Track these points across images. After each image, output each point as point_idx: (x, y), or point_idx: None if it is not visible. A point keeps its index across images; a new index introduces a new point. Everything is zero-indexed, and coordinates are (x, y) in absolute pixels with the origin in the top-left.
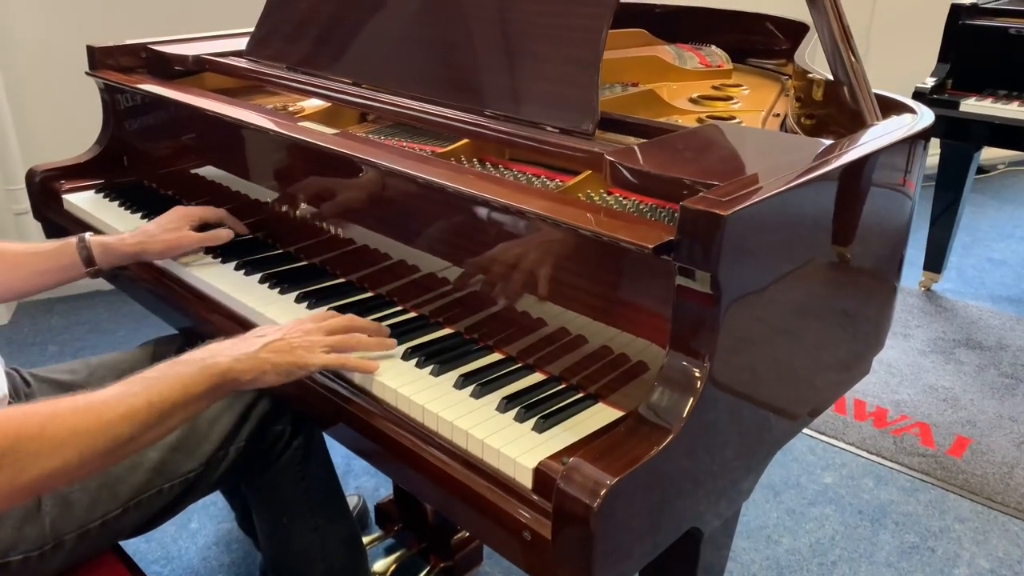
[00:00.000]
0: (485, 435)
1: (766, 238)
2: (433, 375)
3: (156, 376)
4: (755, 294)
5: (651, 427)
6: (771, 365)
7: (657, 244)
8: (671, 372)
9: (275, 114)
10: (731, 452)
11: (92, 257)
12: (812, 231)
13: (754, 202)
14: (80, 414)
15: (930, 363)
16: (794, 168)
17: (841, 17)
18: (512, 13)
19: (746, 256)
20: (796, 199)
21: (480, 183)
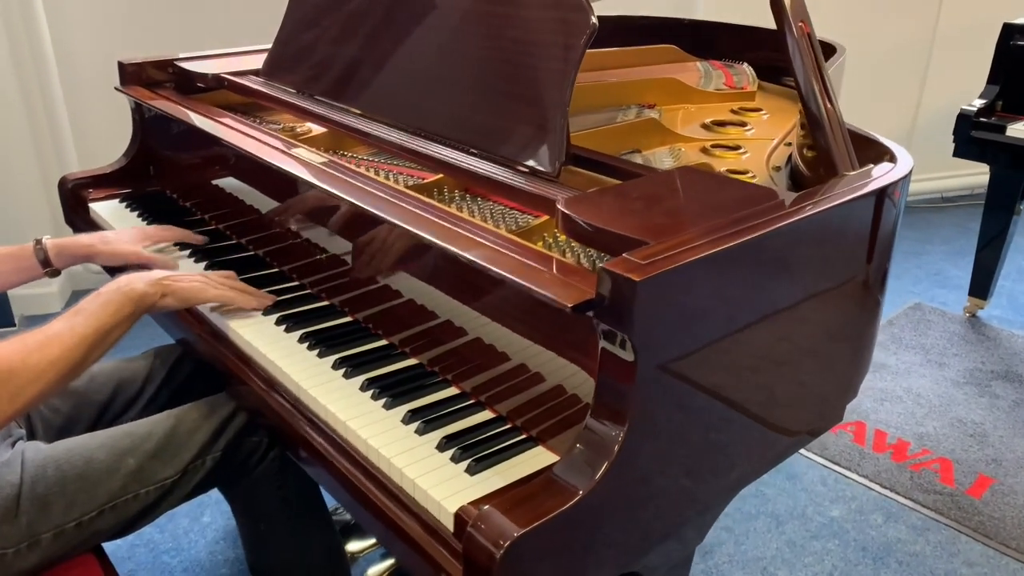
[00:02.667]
0: (417, 474)
1: (691, 301)
2: (385, 408)
3: (93, 307)
4: (681, 357)
5: (565, 483)
6: (704, 426)
7: (576, 303)
8: (590, 433)
9: (270, 138)
10: (662, 505)
11: (48, 259)
12: (749, 293)
13: (673, 267)
14: (49, 346)
15: (963, 395)
16: (732, 228)
17: (817, 59)
18: (492, 52)
19: (668, 320)
20: (726, 262)
21: (424, 222)
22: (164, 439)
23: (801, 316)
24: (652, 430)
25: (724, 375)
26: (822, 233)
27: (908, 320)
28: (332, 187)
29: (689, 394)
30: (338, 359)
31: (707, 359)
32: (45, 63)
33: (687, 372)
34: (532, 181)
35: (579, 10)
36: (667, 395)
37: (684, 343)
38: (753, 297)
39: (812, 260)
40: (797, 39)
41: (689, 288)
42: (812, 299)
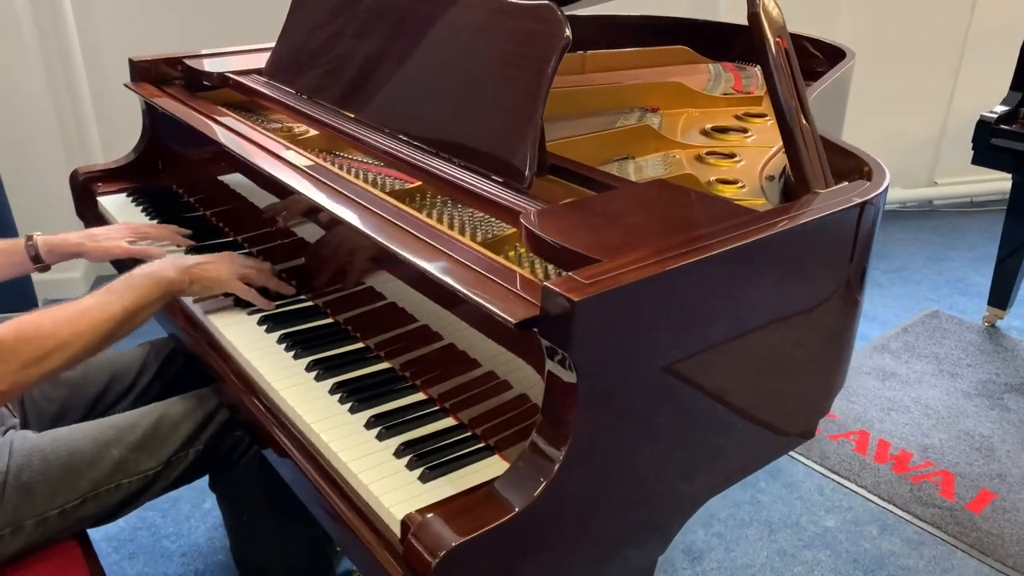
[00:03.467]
0: (371, 480)
1: (639, 322)
2: (351, 412)
3: (122, 287)
4: (630, 377)
5: (502, 499)
6: (655, 444)
7: (521, 319)
8: (533, 450)
9: (265, 139)
10: (611, 520)
11: (39, 255)
12: (705, 314)
13: (614, 288)
14: (79, 320)
15: (973, 407)
16: (685, 248)
17: (795, 76)
18: (471, 62)
19: (613, 340)
20: (675, 283)
21: (386, 228)
22: (148, 431)
23: (763, 337)
24: (596, 449)
25: (679, 393)
26: (786, 253)
27: (923, 328)
28: (305, 190)
29: (639, 413)
30: (312, 361)
31: (659, 379)
32: (72, 61)
33: (636, 392)
34: (505, 191)
35: (553, 24)
36: (614, 414)
37: (632, 364)
38: (709, 318)
39: (776, 280)
40: (775, 55)
41: (636, 309)
42: (777, 320)
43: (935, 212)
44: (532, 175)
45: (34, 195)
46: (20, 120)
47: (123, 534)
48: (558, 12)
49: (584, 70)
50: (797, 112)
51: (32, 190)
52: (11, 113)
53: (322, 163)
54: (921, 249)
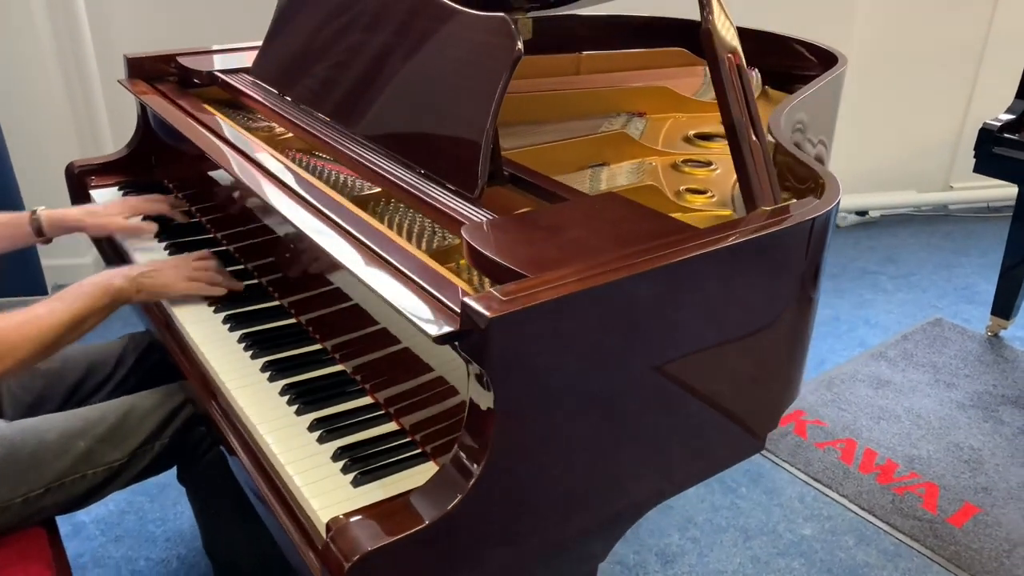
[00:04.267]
0: (304, 482)
1: (560, 340)
2: (297, 414)
3: (71, 296)
4: (553, 395)
5: (416, 509)
6: (581, 460)
7: (440, 333)
8: (452, 463)
9: (243, 139)
10: (535, 530)
11: (42, 229)
12: (635, 332)
13: (531, 305)
14: (26, 325)
15: (966, 419)
16: (613, 265)
17: (747, 92)
18: (431, 71)
19: (532, 358)
20: (599, 301)
21: (334, 233)
22: (115, 424)
23: (698, 355)
24: (517, 464)
25: (607, 410)
26: (723, 271)
27: (924, 336)
28: (262, 192)
29: (563, 429)
30: (266, 362)
31: (585, 396)
32: (84, 56)
33: (560, 409)
34: (457, 201)
35: (506, 37)
36: (536, 430)
37: (555, 381)
38: (638, 335)
39: (712, 298)
40: (726, 72)
41: (556, 326)
42: (714, 337)
43: (950, 217)
44: (482, 186)
45: (47, 186)
46: (35, 114)
47: (111, 517)
48: (511, 26)
49: (580, 71)
50: (747, 129)
51: (46, 182)
52: (26, 106)
53: (292, 166)
54: (932, 255)
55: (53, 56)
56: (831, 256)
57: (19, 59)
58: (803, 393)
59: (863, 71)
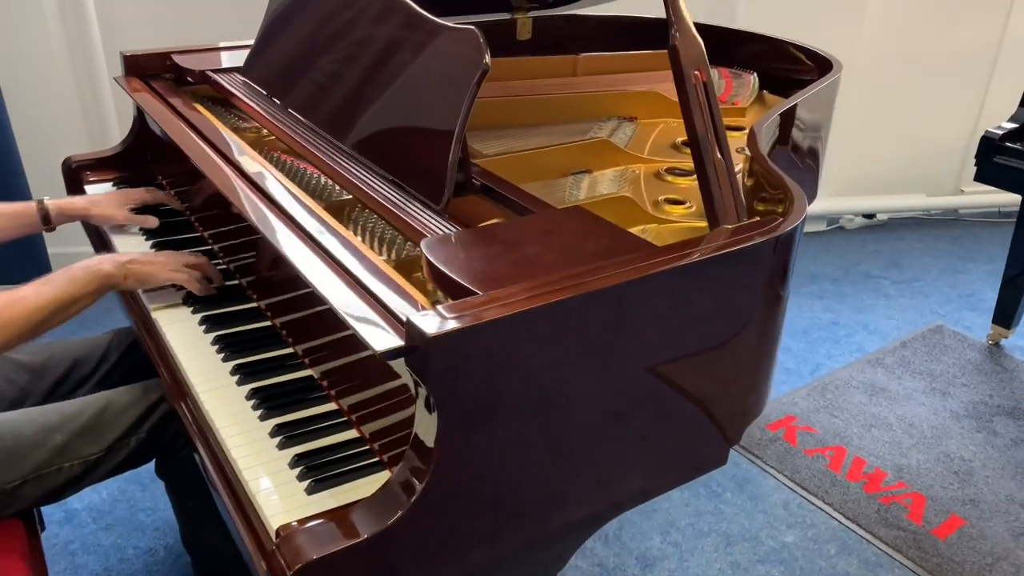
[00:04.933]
0: (259, 488)
1: (505, 359)
2: (260, 419)
3: (60, 278)
4: (494, 415)
5: (357, 522)
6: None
7: (385, 349)
8: (396, 478)
9: (227, 140)
10: (480, 544)
11: (48, 217)
12: (583, 350)
13: (477, 323)
14: (14, 306)
15: (959, 428)
16: (563, 283)
17: (712, 108)
18: (404, 80)
19: (476, 376)
20: (545, 319)
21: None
22: (93, 418)
23: (651, 374)
24: (462, 480)
25: (555, 428)
26: (679, 291)
27: (923, 343)
28: (232, 196)
29: (510, 448)
30: (236, 365)
31: (532, 415)
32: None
33: (506, 427)
34: (424, 212)
35: (474, 50)
36: (481, 448)
37: (500, 400)
38: (588, 354)
39: (668, 318)
40: (691, 88)
41: (501, 344)
42: (668, 356)
43: (959, 222)
44: (448, 197)
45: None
46: (44, 109)
47: (103, 504)
48: (480, 39)
49: (576, 73)
50: (711, 145)
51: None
52: (35, 102)
53: (271, 169)
54: (938, 260)
55: (63, 52)
56: (834, 259)
57: (29, 55)
58: (795, 399)
59: (872, 72)
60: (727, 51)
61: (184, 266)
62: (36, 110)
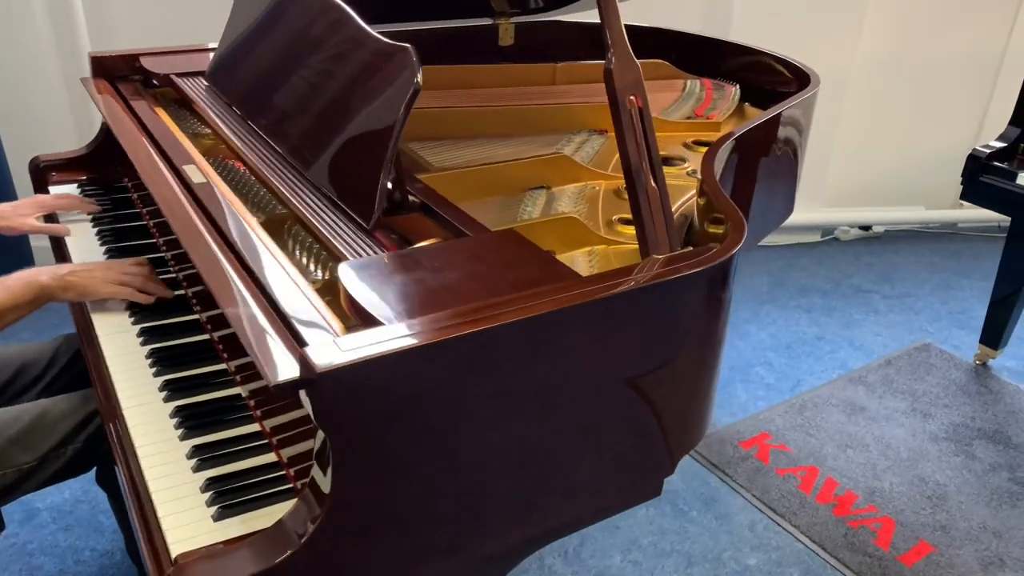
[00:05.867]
0: (166, 512)
1: (402, 394)
2: (180, 439)
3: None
4: (391, 454)
5: (251, 556)
6: (427, 517)
7: (279, 382)
8: (287, 517)
9: (178, 147)
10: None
11: None
12: (492, 385)
13: (368, 358)
14: None
15: (936, 451)
16: (473, 316)
17: (647, 136)
18: (342, 96)
19: (373, 412)
20: (453, 353)
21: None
22: (28, 426)
23: (567, 409)
24: (354, 523)
25: (460, 470)
26: (599, 324)
27: (908, 362)
28: (166, 208)
29: (408, 488)
30: (166, 380)
31: (433, 455)
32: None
33: (406, 468)
34: (354, 232)
35: (406, 69)
36: (378, 490)
37: (401, 438)
38: (499, 390)
39: (586, 352)
40: (626, 114)
41: (397, 379)
42: (591, 395)
43: (958, 235)
44: (377, 218)
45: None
46: (33, 110)
47: (65, 505)
48: (412, 57)
49: (555, 81)
50: (645, 174)
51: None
52: (25, 103)
53: (216, 180)
54: (933, 275)
55: (52, 51)
56: (826, 272)
57: (18, 54)
58: (772, 416)
59: (871, 81)
60: (709, 62)
61: (124, 274)
62: (25, 109)
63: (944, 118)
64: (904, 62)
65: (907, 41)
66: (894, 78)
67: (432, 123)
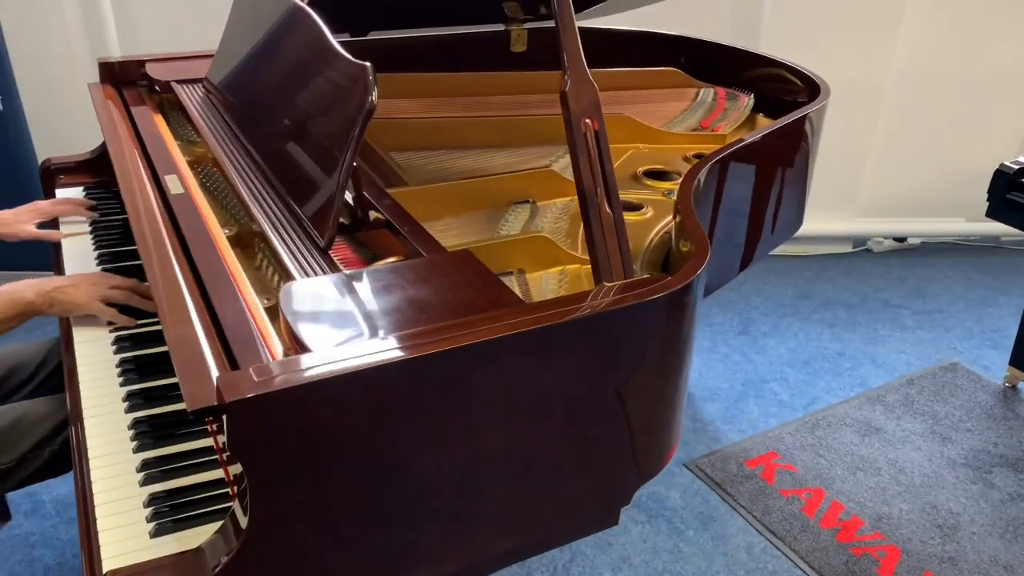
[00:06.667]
0: (106, 527)
1: (323, 424)
2: (133, 451)
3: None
4: (309, 486)
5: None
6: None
7: (196, 408)
8: (206, 545)
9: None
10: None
11: None
12: (420, 417)
13: (286, 387)
14: None
15: (953, 478)
16: (401, 344)
17: (603, 160)
18: (306, 109)
19: (288, 444)
20: (376, 383)
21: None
22: (5, 428)
23: (502, 447)
24: (273, 556)
25: (386, 502)
26: (541, 353)
27: (932, 382)
28: (134, 217)
29: (329, 520)
30: (130, 391)
31: (355, 486)
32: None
33: (325, 500)
34: (311, 249)
35: (361, 88)
36: (297, 516)
37: (318, 470)
38: (428, 423)
39: (526, 383)
40: (580, 137)
41: (316, 411)
42: (530, 428)
43: (999, 249)
44: (331, 237)
45: None
46: (62, 110)
47: (69, 498)
48: (369, 76)
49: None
50: (600, 199)
51: None
52: (54, 102)
53: (195, 192)
54: (968, 290)
55: (83, 56)
56: (854, 284)
57: (49, 55)
58: (782, 434)
59: (908, 89)
60: (718, 69)
61: (110, 288)
62: (55, 111)
63: (986, 128)
64: (943, 71)
65: (946, 49)
66: (933, 87)
67: (428, 132)
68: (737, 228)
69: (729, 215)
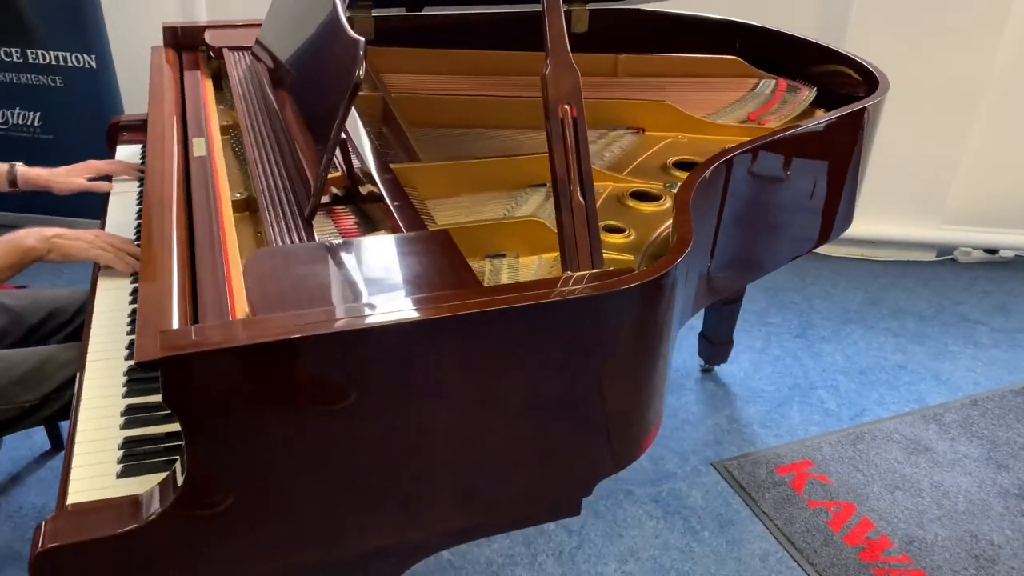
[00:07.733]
0: (78, 464)
1: (256, 387)
2: (123, 396)
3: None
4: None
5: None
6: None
7: (142, 359)
8: (151, 491)
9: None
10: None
11: (16, 181)
12: (356, 391)
13: (218, 348)
14: None
15: (1002, 508)
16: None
17: (579, 147)
18: (312, 81)
19: (221, 402)
20: (308, 352)
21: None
22: (32, 369)
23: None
24: (204, 511)
25: (319, 467)
26: (484, 338)
27: (999, 405)
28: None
29: (260, 478)
30: (132, 340)
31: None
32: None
33: (260, 458)
34: (296, 220)
35: (350, 62)
36: (229, 477)
37: (251, 429)
38: (368, 398)
39: (472, 366)
40: (556, 124)
41: (253, 374)
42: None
43: None
44: (313, 206)
45: None
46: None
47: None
48: (359, 51)
49: (616, 73)
50: (572, 187)
51: None
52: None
53: (216, 157)
54: None
55: (175, 17)
56: (930, 295)
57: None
58: (821, 443)
59: (1010, 93)
60: (784, 60)
61: (107, 243)
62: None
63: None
64: (1006, 73)
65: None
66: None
67: (460, 109)
68: (756, 227)
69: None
